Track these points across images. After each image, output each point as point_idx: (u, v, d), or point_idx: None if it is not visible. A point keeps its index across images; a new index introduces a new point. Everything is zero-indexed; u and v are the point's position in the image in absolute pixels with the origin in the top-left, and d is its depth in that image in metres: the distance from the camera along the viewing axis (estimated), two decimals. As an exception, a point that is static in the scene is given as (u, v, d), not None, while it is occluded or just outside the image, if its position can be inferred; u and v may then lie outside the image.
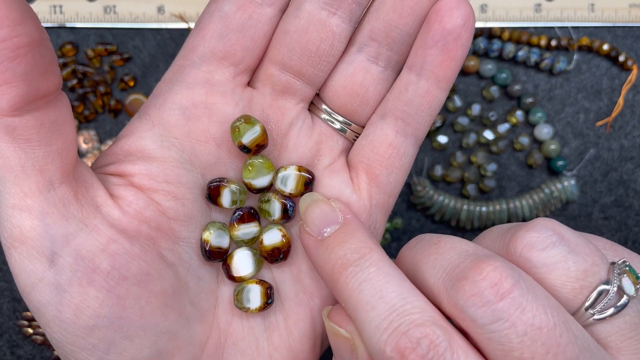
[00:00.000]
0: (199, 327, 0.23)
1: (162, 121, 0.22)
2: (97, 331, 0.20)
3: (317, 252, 0.21)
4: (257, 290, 0.23)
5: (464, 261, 0.18)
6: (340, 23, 0.22)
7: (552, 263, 0.18)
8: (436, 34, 0.22)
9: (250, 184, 0.23)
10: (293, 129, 0.24)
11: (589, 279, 0.18)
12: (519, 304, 0.17)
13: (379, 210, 0.24)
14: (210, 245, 0.22)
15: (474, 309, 0.17)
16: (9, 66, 0.17)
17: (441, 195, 0.36)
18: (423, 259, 0.19)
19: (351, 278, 0.19)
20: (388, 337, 0.18)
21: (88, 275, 0.20)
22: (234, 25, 0.22)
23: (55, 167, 0.20)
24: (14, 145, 0.19)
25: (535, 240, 0.19)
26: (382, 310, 0.18)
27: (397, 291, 0.18)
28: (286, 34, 0.22)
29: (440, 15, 0.22)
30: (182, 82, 0.22)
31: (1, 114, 0.18)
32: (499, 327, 0.17)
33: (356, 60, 0.23)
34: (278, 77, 0.23)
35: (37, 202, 0.19)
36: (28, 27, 0.18)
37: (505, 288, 0.17)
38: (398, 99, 0.23)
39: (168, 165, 0.22)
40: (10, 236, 0.20)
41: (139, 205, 0.21)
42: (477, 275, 0.17)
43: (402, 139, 0.23)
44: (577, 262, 0.18)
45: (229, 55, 0.22)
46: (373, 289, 0.19)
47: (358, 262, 0.19)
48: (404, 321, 0.18)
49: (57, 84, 0.19)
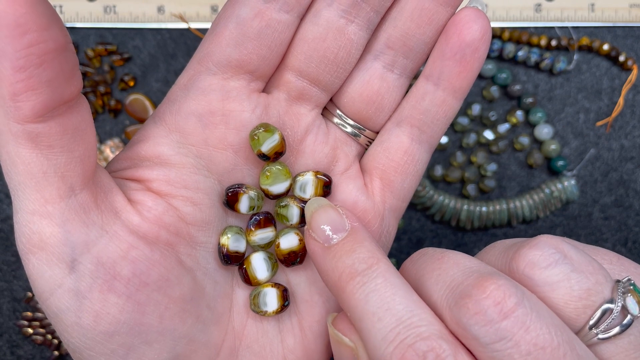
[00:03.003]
0: (215, 331, 0.23)
1: (179, 128, 0.22)
2: (117, 337, 0.20)
3: (323, 260, 0.21)
4: (273, 293, 0.23)
5: (467, 278, 0.18)
6: (357, 31, 0.22)
7: (555, 282, 0.18)
8: (454, 46, 0.22)
9: (268, 190, 0.23)
10: (309, 135, 0.24)
11: (592, 297, 0.18)
12: (522, 323, 0.17)
13: (392, 215, 0.25)
14: (228, 249, 0.22)
15: (477, 328, 0.17)
16: (35, 72, 0.17)
17: (441, 195, 0.36)
18: (426, 274, 0.19)
19: (358, 288, 0.19)
20: (394, 349, 0.18)
21: (109, 282, 0.20)
22: (250, 33, 0.22)
23: (76, 173, 0.19)
24: (36, 152, 0.18)
25: (537, 259, 0.18)
26: (388, 322, 0.18)
27: (404, 303, 0.18)
28: (304, 41, 0.22)
29: (459, 28, 0.22)
30: (198, 88, 0.22)
31: (25, 121, 0.18)
32: (502, 346, 0.17)
33: (372, 68, 0.23)
34: (294, 83, 0.23)
35: (58, 209, 0.19)
36: (55, 32, 0.17)
37: (509, 307, 0.17)
38: (414, 107, 0.24)
39: (186, 171, 0.22)
40: (28, 242, 0.19)
41: (158, 211, 0.21)
42: (481, 293, 0.17)
43: (417, 146, 0.24)
44: (580, 280, 0.18)
45: (245, 64, 0.22)
46: (380, 300, 0.19)
47: (365, 272, 0.19)
48: (411, 334, 0.18)
49: (79, 88, 0.19)
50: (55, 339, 0.36)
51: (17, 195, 0.19)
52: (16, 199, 0.19)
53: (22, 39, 0.17)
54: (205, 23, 0.36)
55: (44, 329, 0.36)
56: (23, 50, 0.17)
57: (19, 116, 0.18)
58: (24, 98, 0.17)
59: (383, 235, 0.25)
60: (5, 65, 0.17)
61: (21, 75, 0.17)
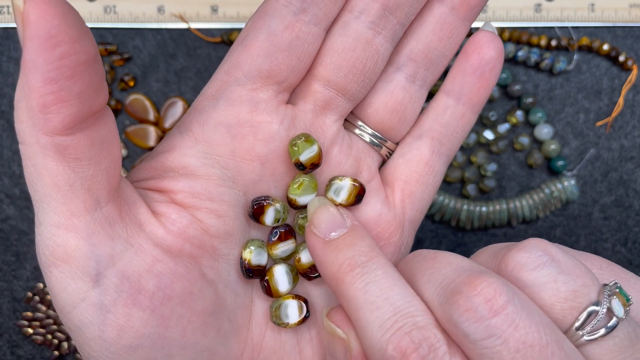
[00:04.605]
0: (235, 343, 0.23)
1: (206, 138, 0.22)
2: (140, 350, 0.20)
3: (323, 253, 0.21)
4: (294, 305, 0.23)
5: (459, 276, 0.18)
6: (384, 42, 0.23)
7: (542, 283, 0.18)
8: (475, 63, 0.24)
9: (295, 201, 0.23)
10: (335, 146, 0.24)
11: (579, 299, 0.18)
12: (512, 321, 0.17)
13: (411, 226, 0.25)
14: (250, 263, 0.22)
15: (468, 324, 0.17)
16: (66, 85, 0.17)
17: (441, 195, 0.36)
18: (418, 272, 0.20)
19: (358, 278, 0.19)
20: (391, 336, 0.18)
21: (133, 296, 0.20)
22: (281, 45, 0.22)
23: (102, 186, 0.19)
24: (64, 164, 0.18)
25: (525, 261, 0.19)
26: (386, 311, 0.18)
27: (402, 294, 0.19)
28: (333, 51, 0.23)
29: (479, 47, 0.24)
30: (227, 99, 0.22)
31: (53, 133, 0.18)
32: (492, 343, 0.17)
33: (395, 79, 0.24)
34: (322, 93, 0.23)
35: (84, 222, 0.19)
36: (85, 44, 0.17)
37: (499, 304, 0.17)
38: (435, 120, 0.25)
39: (211, 183, 0.22)
40: (52, 254, 0.19)
41: (182, 224, 0.21)
42: (472, 290, 0.17)
43: (437, 158, 0.25)
44: (567, 282, 0.18)
45: (275, 74, 0.22)
46: (379, 290, 0.19)
47: (366, 264, 0.20)
48: (408, 322, 0.18)
49: (106, 99, 0.19)
50: (55, 339, 0.36)
51: (41, 207, 0.19)
52: (40, 211, 0.19)
53: (54, 51, 0.17)
54: (205, 23, 0.36)
55: (44, 329, 0.36)
56: (55, 62, 0.17)
57: (48, 128, 0.18)
58: (53, 110, 0.17)
59: (403, 246, 0.25)
60: (36, 77, 0.17)
61: (52, 88, 0.17)
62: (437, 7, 0.24)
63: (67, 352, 0.36)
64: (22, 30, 0.17)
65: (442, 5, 0.24)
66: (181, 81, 0.36)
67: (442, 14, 0.24)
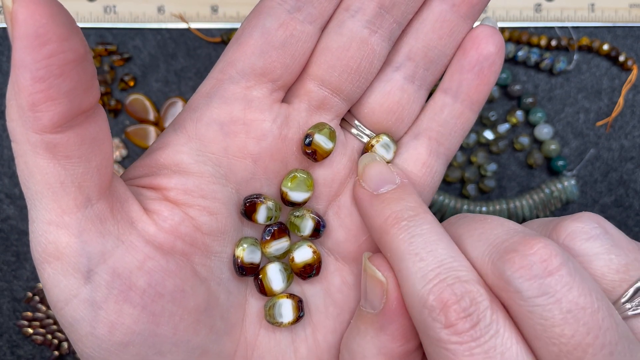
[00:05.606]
0: (228, 341, 0.23)
1: (199, 136, 0.22)
2: (131, 347, 0.20)
3: (370, 205, 0.21)
4: (288, 304, 0.23)
5: (513, 237, 0.19)
6: (380, 42, 0.23)
7: (595, 254, 0.19)
8: (473, 59, 0.23)
9: (287, 195, 0.23)
10: None
11: (631, 272, 0.19)
12: (566, 282, 0.17)
13: None
14: (243, 261, 0.22)
15: (521, 281, 0.17)
16: (55, 83, 0.17)
17: (441, 195, 0.36)
18: (466, 232, 0.20)
19: (404, 230, 0.20)
20: (433, 287, 0.18)
21: (124, 293, 0.20)
22: (275, 43, 0.22)
23: (93, 184, 0.19)
24: (54, 162, 0.18)
25: (579, 230, 0.19)
26: (430, 262, 0.19)
27: (447, 249, 0.19)
28: (328, 50, 0.23)
29: (477, 42, 0.23)
30: (221, 97, 0.22)
31: (43, 131, 0.18)
32: (544, 301, 0.17)
33: (393, 79, 0.24)
34: (316, 92, 0.23)
35: (75, 219, 0.19)
36: (75, 43, 0.17)
37: (554, 265, 0.17)
38: (433, 119, 0.24)
39: (204, 180, 0.22)
40: (44, 251, 0.19)
41: (174, 221, 0.21)
42: (528, 249, 0.18)
43: (435, 158, 0.24)
44: (620, 255, 0.19)
45: (269, 72, 0.22)
46: (424, 243, 0.19)
47: (413, 218, 0.20)
48: (451, 275, 0.18)
49: (97, 97, 0.19)
50: (55, 339, 0.36)
51: (34, 205, 0.19)
52: (33, 209, 0.19)
53: (42, 49, 0.17)
54: (205, 23, 0.36)
55: (44, 329, 0.36)
56: (43, 60, 0.17)
57: (38, 126, 0.18)
58: (43, 108, 0.17)
59: None
60: (25, 75, 0.17)
61: (41, 86, 0.17)
62: (436, 5, 0.23)
63: (67, 352, 0.36)
64: (11, 30, 0.17)
65: (442, 3, 0.23)
66: (181, 81, 0.36)
67: (442, 11, 0.23)
